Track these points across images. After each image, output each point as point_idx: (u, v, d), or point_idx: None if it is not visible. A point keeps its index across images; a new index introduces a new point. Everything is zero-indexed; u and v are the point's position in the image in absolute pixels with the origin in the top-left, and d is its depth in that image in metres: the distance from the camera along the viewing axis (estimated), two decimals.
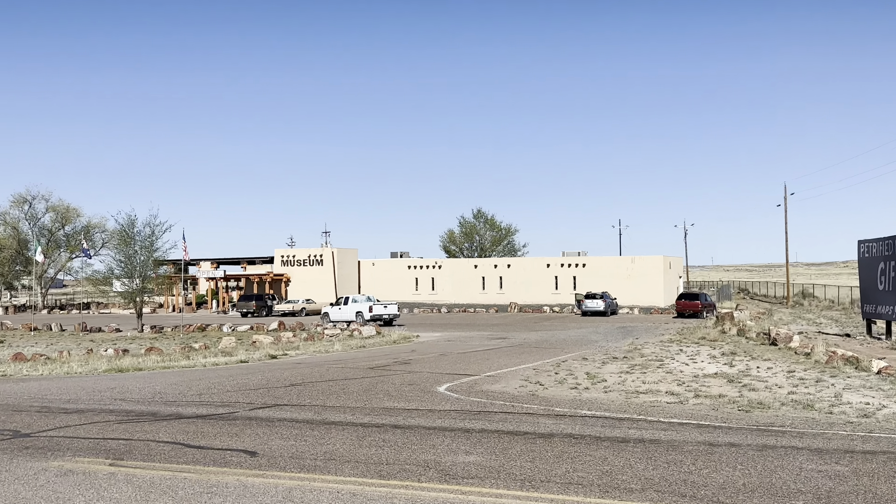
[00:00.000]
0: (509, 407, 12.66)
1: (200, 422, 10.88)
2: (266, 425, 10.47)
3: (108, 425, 10.55)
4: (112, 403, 13.37)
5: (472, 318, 54.50)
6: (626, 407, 12.83)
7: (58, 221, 76.35)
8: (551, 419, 11.04)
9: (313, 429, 10.12)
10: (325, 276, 69.52)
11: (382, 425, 10.45)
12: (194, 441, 9.29)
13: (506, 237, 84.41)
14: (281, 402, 13.28)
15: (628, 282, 62.77)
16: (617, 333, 37.09)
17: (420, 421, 10.86)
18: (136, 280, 45.12)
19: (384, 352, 27.81)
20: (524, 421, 10.85)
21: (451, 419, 11.06)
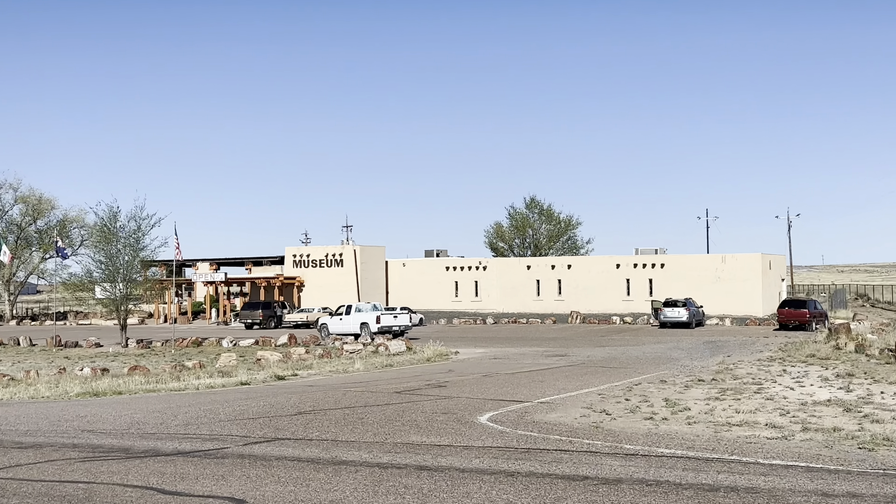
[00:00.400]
0: (566, 443, 12.25)
1: (181, 460, 10.67)
2: (261, 465, 10.22)
3: (68, 464, 10.40)
4: (78, 436, 13.27)
5: (523, 331, 54.11)
6: (715, 444, 12.34)
7: (28, 215, 77.75)
8: (619, 460, 10.61)
9: (319, 470, 9.84)
10: (345, 279, 69.67)
11: (405, 466, 10.12)
12: (170, 485, 9.07)
13: (566, 231, 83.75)
14: (283, 436, 13.05)
15: (718, 286, 61.77)
16: (703, 349, 36.40)
17: (453, 461, 10.52)
18: (118, 285, 45.60)
19: (415, 372, 27.58)
20: (584, 462, 10.43)
21: (491, 458, 10.70)
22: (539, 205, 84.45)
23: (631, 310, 63.59)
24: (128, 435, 13.35)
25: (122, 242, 45.34)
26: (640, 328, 55.33)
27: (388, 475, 9.45)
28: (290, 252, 72.34)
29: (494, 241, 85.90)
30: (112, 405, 18.76)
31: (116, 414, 16.72)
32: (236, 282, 72.82)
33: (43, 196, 77.99)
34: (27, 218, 77.84)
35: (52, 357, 40.42)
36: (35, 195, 77.76)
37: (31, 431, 13.88)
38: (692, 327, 53.14)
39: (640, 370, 27.03)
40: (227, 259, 78.43)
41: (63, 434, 13.53)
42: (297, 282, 70.50)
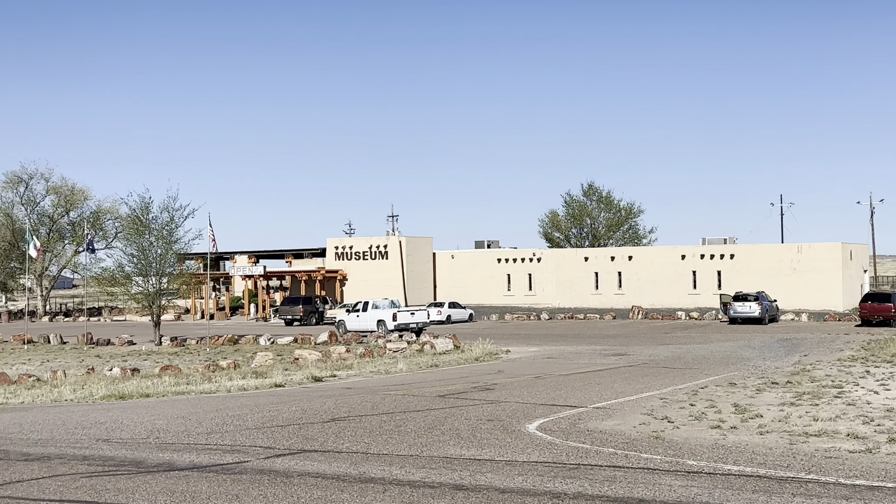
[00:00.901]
0: (621, 457, 11.68)
1: (195, 476, 10.34)
2: (281, 483, 9.84)
3: (73, 480, 10.13)
4: (91, 446, 13.06)
5: (580, 328, 53.36)
6: (790, 458, 11.69)
7: (61, 206, 78.80)
8: (680, 478, 10.02)
9: (343, 489, 9.42)
10: (390, 272, 69.50)
11: (439, 485, 9.66)
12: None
13: (626, 220, 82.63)
14: (310, 447, 12.68)
15: (793, 278, 60.38)
16: (777, 348, 35.44)
17: (493, 479, 10.02)
18: (151, 279, 45.87)
19: (461, 373, 27.18)
20: (640, 481, 9.86)
21: (536, 476, 10.19)
22: (598, 192, 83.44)
23: (697, 304, 62.42)
24: (144, 445, 13.10)
25: (155, 235, 45.56)
26: (707, 324, 54.24)
27: (419, 496, 8.99)
28: (331, 244, 72.33)
29: (549, 231, 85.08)
30: (136, 410, 18.62)
31: (138, 420, 16.54)
32: (276, 275, 73.05)
33: (76, 187, 79.02)
34: (59, 209, 78.92)
35: (82, 355, 40.76)
36: (67, 186, 78.80)
37: (43, 441, 13.71)
38: (765, 323, 51.95)
39: (706, 371, 26.34)
40: (267, 252, 78.73)
41: (76, 444, 13.33)
42: (340, 275, 70.49)
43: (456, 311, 60.48)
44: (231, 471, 10.67)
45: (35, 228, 78.23)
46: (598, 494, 9.05)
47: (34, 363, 37.20)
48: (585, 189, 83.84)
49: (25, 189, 78.68)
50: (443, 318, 58.56)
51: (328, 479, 10.02)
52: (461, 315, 60.80)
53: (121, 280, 46.55)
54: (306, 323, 59.11)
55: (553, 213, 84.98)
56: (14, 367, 35.67)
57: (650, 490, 9.27)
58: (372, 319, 48.62)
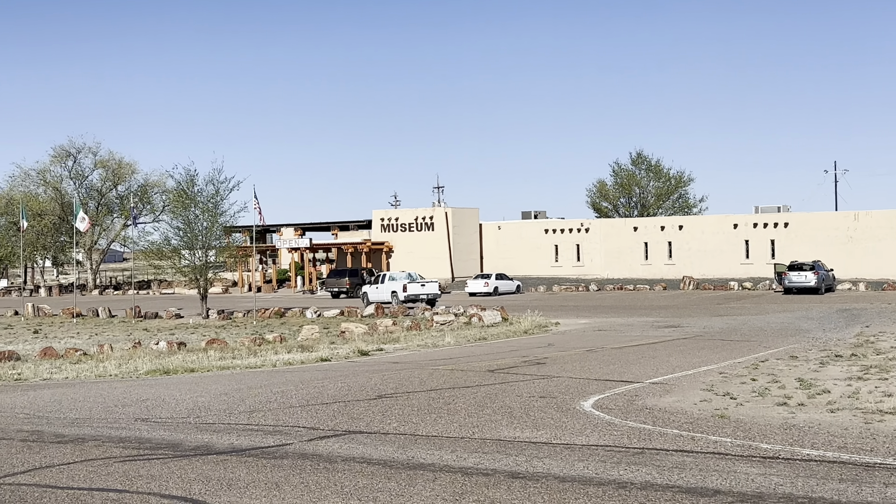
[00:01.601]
0: (687, 440, 10.87)
1: (234, 461, 9.73)
2: (324, 469, 9.18)
3: (105, 466, 9.57)
4: (129, 426, 12.54)
5: (630, 299, 52.34)
6: (870, 440, 10.80)
7: (109, 180, 79.19)
8: (756, 465, 9.19)
9: (390, 477, 8.73)
10: (436, 243, 68.85)
11: (493, 472, 8.93)
12: (213, 496, 8.09)
13: (676, 189, 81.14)
14: (356, 427, 12.03)
15: (849, 247, 58.73)
16: (837, 319, 34.25)
17: (551, 465, 9.27)
18: (197, 252, 45.67)
19: (510, 346, 26.48)
20: (712, 468, 9.05)
21: (598, 462, 9.42)
22: (646, 160, 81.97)
23: (750, 274, 61.03)
24: (183, 426, 12.54)
25: (200, 208, 45.27)
26: (761, 294, 52.93)
27: (472, 485, 8.27)
28: (377, 216, 71.81)
29: (597, 201, 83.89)
30: (179, 386, 18.17)
31: (180, 397, 16.05)
32: (322, 248, 72.79)
33: (123, 160, 79.31)
34: (107, 183, 79.32)
35: (130, 329, 40.69)
36: (115, 159, 79.10)
37: (79, 420, 13.23)
38: (821, 293, 50.54)
39: (765, 343, 25.38)
40: (313, 224, 78.48)
41: (113, 424, 12.82)
42: (386, 247, 70.00)
43: (503, 283, 59.67)
44: (272, 455, 10.04)
45: (84, 202, 78.79)
46: (668, 484, 8.26)
47: (82, 337, 37.13)
48: (634, 158, 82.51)
49: (74, 163, 79.19)
50: (490, 290, 57.83)
51: (374, 464, 9.34)
52: (508, 287, 59.99)
53: (167, 253, 46.42)
54: (353, 295, 58.72)
55: (601, 182, 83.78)
56: (62, 340, 35.62)
57: (725, 479, 8.45)
58: (387, 291, 50.52)
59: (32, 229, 75.72)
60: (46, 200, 77.01)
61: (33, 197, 76.97)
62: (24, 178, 78.62)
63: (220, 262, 51.40)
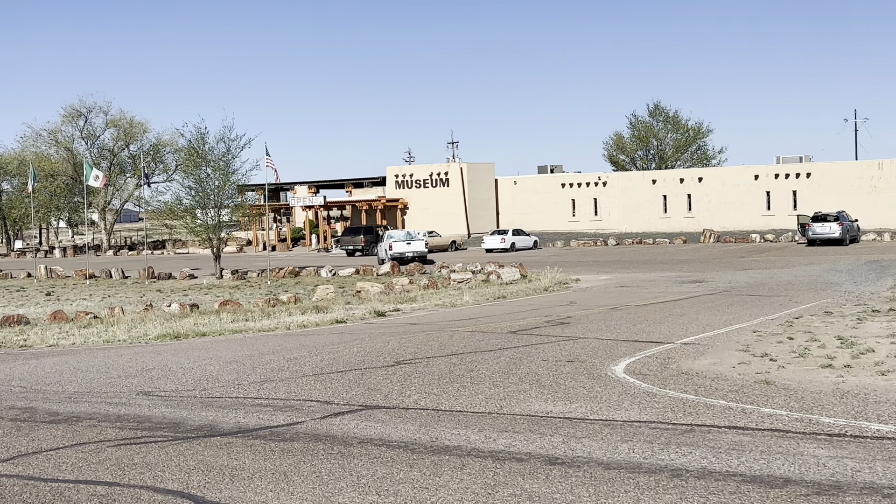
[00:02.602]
0: (738, 412, 9.85)
1: (239, 444, 8.77)
2: (339, 455, 8.21)
3: (97, 451, 8.63)
4: (130, 401, 11.62)
5: (650, 253, 51.18)
6: None
7: (120, 139, 78.21)
8: (823, 445, 8.14)
9: (413, 464, 7.75)
10: (451, 199, 67.71)
11: (528, 457, 7.93)
12: (213, 491, 7.14)
13: (695, 140, 79.53)
14: (373, 401, 11.07)
15: (873, 196, 57.31)
16: (867, 271, 33.08)
17: (592, 447, 8.27)
18: (209, 211, 44.79)
19: (531, 304, 25.50)
20: (775, 449, 8.02)
21: (644, 443, 8.41)
22: (664, 112, 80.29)
23: (772, 226, 59.72)
24: (188, 400, 11.61)
25: (212, 166, 44.30)
26: (784, 247, 51.68)
27: (505, 475, 7.28)
28: (391, 172, 70.63)
29: (614, 154, 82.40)
30: (188, 352, 17.29)
31: (188, 366, 15.16)
32: (336, 205, 71.78)
33: (134, 119, 78.24)
34: (119, 143, 78.35)
35: (143, 290, 39.95)
36: (126, 119, 78.03)
37: (78, 395, 12.31)
38: (846, 244, 49.26)
39: (795, 298, 24.33)
40: (327, 181, 77.40)
41: (113, 398, 11.89)
42: (401, 204, 68.91)
43: (520, 239, 58.53)
44: (281, 436, 9.08)
45: (96, 162, 77.88)
46: (729, 471, 7.23)
47: (95, 299, 36.38)
48: (651, 109, 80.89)
49: (85, 123, 78.16)
50: (506, 247, 56.73)
51: (393, 447, 8.36)
52: (526, 242, 58.86)
53: (179, 213, 45.56)
54: (368, 253, 57.84)
55: (618, 135, 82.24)
56: (74, 303, 34.89)
57: (792, 464, 7.42)
58: (382, 249, 51.23)
59: (45, 190, 75.00)
60: (59, 161, 76.16)
61: (45, 157, 76.13)
62: (35, 139, 77.81)
63: (233, 221, 50.48)
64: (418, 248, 49.88)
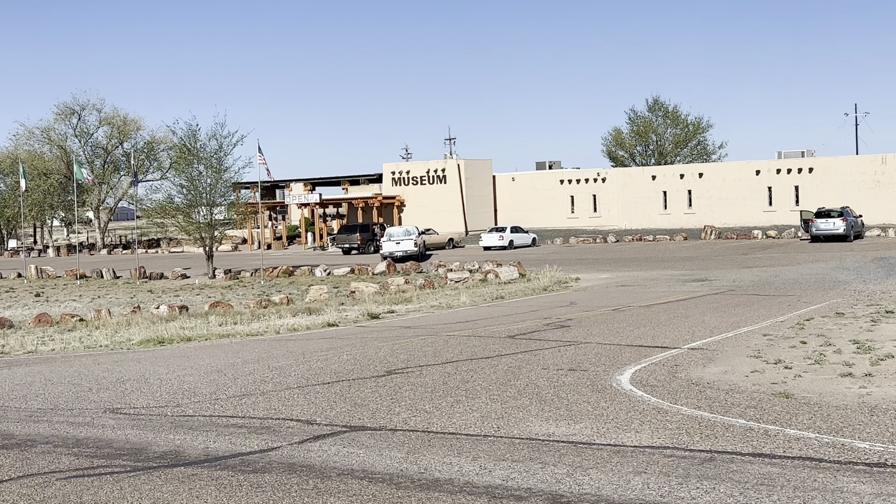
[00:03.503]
0: (760, 435, 8.89)
1: (204, 477, 7.79)
2: (314, 490, 7.25)
3: (44, 486, 7.65)
4: (94, 421, 10.65)
5: (650, 250, 50.22)
6: None
7: (114, 137, 77.21)
8: (864, 478, 7.16)
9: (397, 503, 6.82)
10: (449, 196, 66.71)
11: (528, 494, 6.96)
12: None
13: (694, 135, 78.55)
14: (358, 421, 10.11)
15: (877, 191, 56.37)
16: (875, 269, 32.11)
17: (601, 481, 7.31)
18: (202, 210, 43.84)
19: (530, 305, 24.56)
20: (809, 484, 7.04)
21: (659, 475, 7.45)
22: (663, 107, 79.28)
23: (774, 222, 58.76)
24: (157, 419, 10.65)
25: (204, 164, 43.33)
26: (787, 243, 50.72)
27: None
28: (388, 169, 69.61)
29: (613, 150, 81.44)
30: (169, 360, 16.34)
31: (166, 376, 14.21)
32: (332, 203, 70.77)
33: (128, 117, 77.23)
34: (113, 141, 77.34)
35: (134, 290, 39.01)
36: (120, 116, 77.00)
37: (39, 413, 11.34)
38: (850, 241, 48.28)
39: (803, 298, 23.39)
40: (323, 179, 76.41)
41: (77, 417, 10.92)
42: (397, 201, 67.91)
43: (518, 236, 57.54)
44: (252, 466, 8.10)
45: (90, 160, 76.83)
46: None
47: (84, 300, 35.44)
48: (650, 104, 79.89)
49: (78, 121, 77.11)
50: (505, 244, 55.75)
51: (377, 481, 7.40)
52: (524, 240, 57.88)
53: (170, 211, 44.56)
54: (364, 251, 56.88)
55: (617, 130, 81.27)
56: (63, 304, 33.95)
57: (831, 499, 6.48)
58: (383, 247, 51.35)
59: (38, 188, 73.96)
60: (52, 159, 75.10)
61: (38, 156, 75.11)
62: (28, 137, 76.78)
63: (226, 219, 49.50)
64: (407, 247, 49.64)
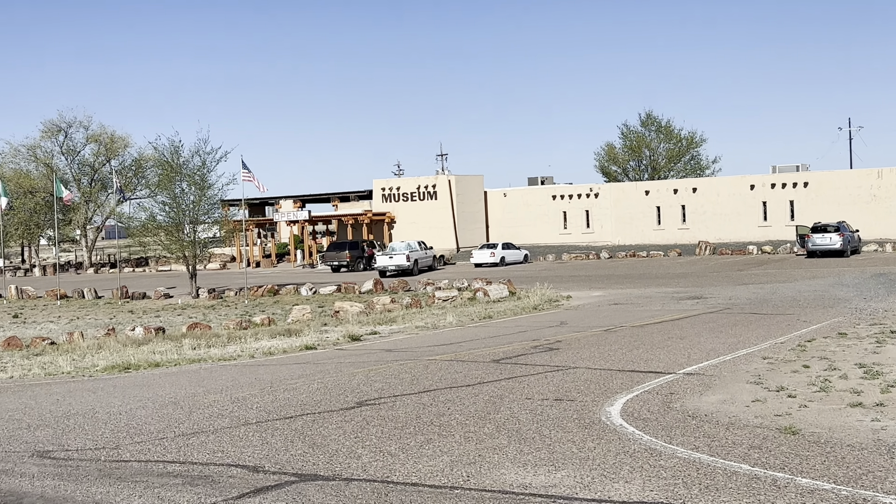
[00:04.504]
0: (769, 485, 7.72)
1: None
2: None
3: None
4: (17, 467, 9.43)
5: (644, 266, 49.07)
6: None
7: (101, 154, 76.02)
8: None
9: None
10: (440, 213, 65.57)
11: None
12: None
13: (688, 150, 77.52)
14: (310, 468, 8.90)
15: (872, 206, 55.33)
16: (875, 285, 30.99)
17: None
18: (185, 228, 42.67)
19: (518, 326, 23.42)
20: None
21: None
22: (656, 121, 78.24)
23: (769, 237, 57.69)
24: (87, 465, 9.43)
25: (187, 181, 42.16)
26: (783, 259, 49.61)
27: None
28: (378, 185, 68.43)
29: (606, 165, 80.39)
30: (126, 390, 15.17)
31: (119, 408, 13.04)
32: (321, 220, 69.56)
33: (115, 134, 75.97)
34: (100, 158, 76.12)
35: (115, 311, 37.82)
36: (107, 133, 75.75)
37: None
38: (846, 256, 47.17)
39: (803, 317, 22.30)
40: (312, 195, 75.27)
41: (1, 461, 9.73)
42: (388, 218, 66.75)
43: (510, 253, 56.33)
44: None
45: (77, 178, 75.64)
46: None
47: (62, 321, 34.26)
48: (643, 119, 78.83)
49: (65, 138, 75.91)
50: (496, 261, 54.54)
51: None
52: (516, 256, 56.68)
53: (153, 230, 43.33)
54: (354, 269, 55.66)
55: (610, 145, 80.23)
56: (40, 326, 32.78)
57: None
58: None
59: (24, 207, 72.72)
60: (38, 177, 73.86)
61: (24, 174, 73.87)
62: (14, 155, 75.53)
63: (211, 238, 48.24)
64: (399, 261, 50.24)
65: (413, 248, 51.96)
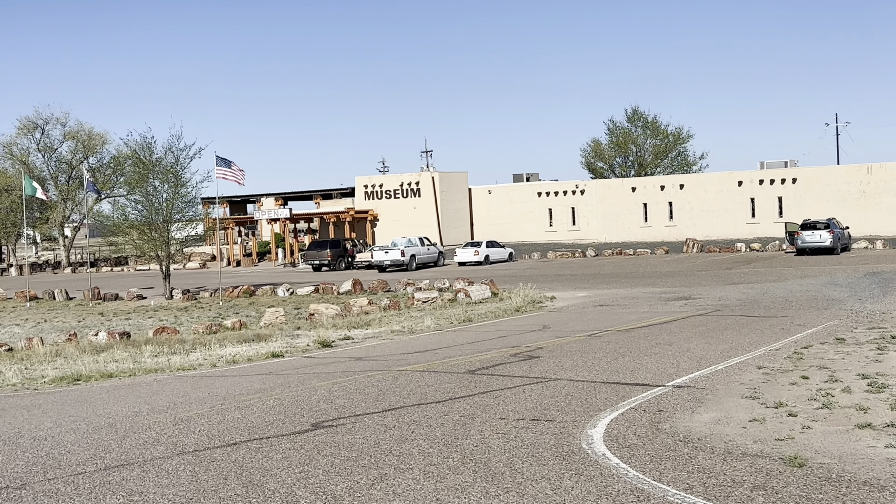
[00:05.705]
0: None
1: None
2: None
3: None
4: None
5: (631, 264, 47.82)
6: None
7: (79, 152, 74.40)
8: None
9: None
10: (423, 210, 64.25)
11: None
12: None
13: (675, 146, 76.43)
14: None
15: (862, 202, 54.29)
16: (869, 284, 29.80)
17: None
18: (158, 226, 41.18)
19: (499, 330, 22.13)
20: None
21: None
22: (643, 117, 77.18)
23: (757, 234, 56.59)
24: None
25: (160, 178, 40.69)
26: (772, 256, 48.44)
27: None
28: (360, 182, 67.05)
29: (592, 161, 79.24)
30: (63, 408, 13.82)
31: (46, 432, 11.69)
32: (303, 218, 68.20)
33: (93, 131, 74.35)
34: (78, 155, 74.48)
35: (84, 313, 36.36)
36: (85, 130, 74.16)
37: None
38: (837, 253, 46.04)
39: (797, 320, 21.10)
40: (294, 193, 73.91)
41: None
42: (370, 216, 65.39)
43: (494, 251, 54.99)
44: None
45: (54, 175, 74.02)
46: None
47: (28, 325, 32.81)
48: (630, 114, 77.74)
49: (42, 135, 74.24)
50: (480, 259, 53.21)
51: None
52: (500, 255, 55.33)
53: (124, 228, 41.83)
54: (335, 268, 54.29)
55: (596, 141, 79.09)
56: (5, 329, 31.37)
57: None
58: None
59: (0, 206, 71.08)
60: (14, 175, 72.19)
61: (0, 172, 72.19)
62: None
63: (189, 236, 46.67)
64: (393, 256, 50.87)
65: (413, 243, 52.47)
